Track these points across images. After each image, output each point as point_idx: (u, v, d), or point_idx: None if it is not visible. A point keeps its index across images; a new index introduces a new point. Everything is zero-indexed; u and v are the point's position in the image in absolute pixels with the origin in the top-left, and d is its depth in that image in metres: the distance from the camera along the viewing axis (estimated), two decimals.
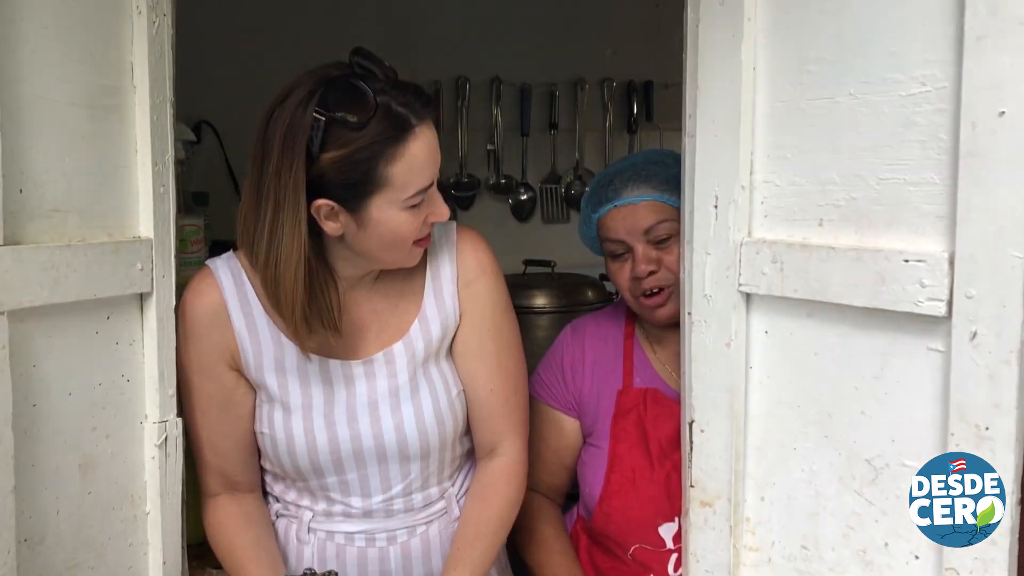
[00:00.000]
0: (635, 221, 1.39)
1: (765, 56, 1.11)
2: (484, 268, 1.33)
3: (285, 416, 1.26)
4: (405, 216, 1.17)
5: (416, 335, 1.29)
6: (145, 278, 1.14)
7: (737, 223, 1.14)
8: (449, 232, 1.33)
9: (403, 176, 1.14)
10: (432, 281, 1.31)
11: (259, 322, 1.26)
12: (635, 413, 1.43)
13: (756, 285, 1.13)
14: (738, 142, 1.12)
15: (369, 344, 1.28)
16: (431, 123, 1.17)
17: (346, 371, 1.27)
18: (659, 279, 1.38)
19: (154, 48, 1.13)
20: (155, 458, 1.18)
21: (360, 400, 1.26)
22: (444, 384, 1.30)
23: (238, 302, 1.26)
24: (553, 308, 2.10)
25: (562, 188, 2.94)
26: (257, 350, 1.26)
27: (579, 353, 1.51)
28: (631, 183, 1.41)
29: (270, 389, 1.26)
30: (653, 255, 1.38)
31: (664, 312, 1.40)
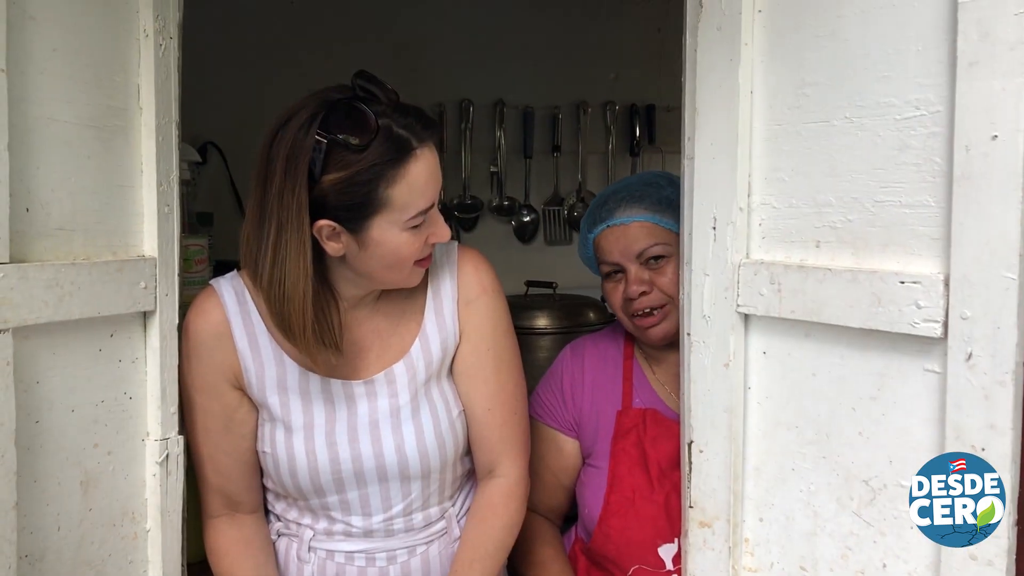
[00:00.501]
0: (627, 242, 1.40)
1: (762, 80, 1.12)
2: (485, 287, 1.33)
3: (287, 435, 1.27)
4: (406, 237, 1.18)
5: (417, 354, 1.29)
6: (148, 296, 1.15)
7: (735, 245, 1.15)
8: (451, 251, 1.34)
9: (404, 198, 1.16)
10: (433, 299, 1.32)
11: (261, 341, 1.27)
12: (635, 433, 1.43)
13: (754, 306, 1.13)
14: (736, 164, 1.14)
15: (371, 364, 1.29)
16: (432, 145, 1.19)
17: (347, 391, 1.27)
18: (651, 300, 1.39)
19: (160, 70, 1.14)
20: (156, 476, 1.18)
21: (361, 420, 1.27)
22: (445, 404, 1.31)
23: (241, 321, 1.27)
24: (555, 329, 2.10)
25: (565, 210, 2.95)
26: (259, 369, 1.27)
27: (578, 373, 1.51)
28: (624, 204, 1.42)
29: (272, 408, 1.27)
30: (645, 276, 1.40)
31: (658, 332, 1.41)
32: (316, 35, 2.61)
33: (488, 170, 2.88)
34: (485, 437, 1.33)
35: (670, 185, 1.43)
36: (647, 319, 1.40)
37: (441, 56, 2.74)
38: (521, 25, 2.83)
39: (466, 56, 2.78)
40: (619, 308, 1.44)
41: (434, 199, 1.20)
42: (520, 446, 1.35)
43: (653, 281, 1.40)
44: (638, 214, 1.41)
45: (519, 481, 1.35)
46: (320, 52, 2.54)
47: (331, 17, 2.64)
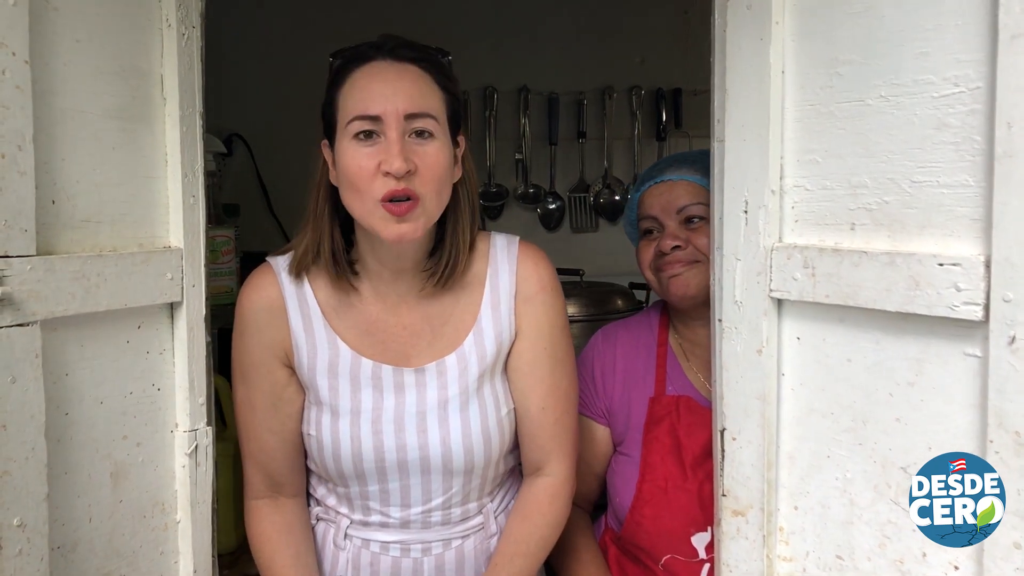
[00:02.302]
0: (670, 198, 1.42)
1: (793, 59, 1.10)
2: (544, 284, 1.32)
3: (333, 420, 1.27)
4: (353, 149, 1.16)
5: (470, 348, 1.28)
6: (175, 287, 1.15)
7: (767, 228, 1.12)
8: (511, 246, 1.33)
9: (345, 100, 1.18)
10: (490, 293, 1.30)
11: (316, 323, 1.27)
12: (668, 421, 1.42)
13: (787, 291, 1.11)
14: (767, 146, 1.11)
15: (422, 352, 1.28)
16: (406, 65, 1.19)
17: (397, 378, 1.27)
18: (684, 255, 1.39)
19: (183, 60, 1.14)
20: (185, 467, 1.18)
21: (408, 410, 1.26)
22: (495, 401, 1.29)
23: (296, 301, 1.27)
24: (583, 317, 2.09)
25: (591, 197, 2.93)
26: (312, 351, 1.27)
27: (610, 360, 1.50)
28: (674, 164, 1.46)
29: (320, 391, 1.27)
30: (682, 235, 1.39)
31: (680, 284, 1.40)
32: (340, 25, 2.61)
33: (513, 158, 2.87)
34: (536, 435, 1.32)
35: None
36: (672, 266, 1.40)
37: (464, 42, 2.70)
38: (545, 9, 2.81)
39: (489, 42, 2.77)
40: (647, 266, 1.44)
41: (384, 112, 1.15)
42: (570, 446, 1.34)
43: (690, 240, 1.40)
44: (686, 173, 1.44)
45: (566, 481, 1.34)
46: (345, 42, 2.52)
47: (355, 6, 2.63)
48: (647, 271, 1.45)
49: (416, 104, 1.17)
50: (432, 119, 1.18)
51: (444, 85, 1.22)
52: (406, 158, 1.14)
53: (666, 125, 2.94)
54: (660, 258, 1.41)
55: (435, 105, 1.20)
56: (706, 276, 1.34)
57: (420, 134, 1.17)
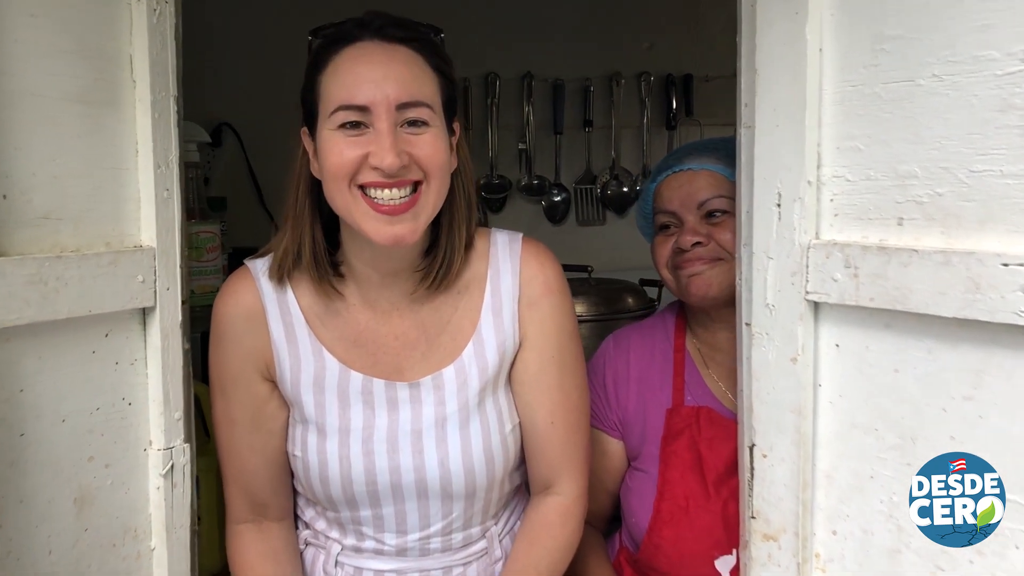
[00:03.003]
0: (690, 190, 1.33)
1: (833, 35, 1.01)
2: (550, 286, 1.21)
3: (320, 439, 1.17)
4: (335, 140, 1.06)
5: (469, 359, 1.18)
6: (147, 291, 1.05)
7: (803, 224, 1.03)
8: (513, 244, 1.22)
9: (328, 86, 1.08)
10: (491, 297, 1.20)
11: (299, 332, 1.17)
12: (688, 434, 1.32)
13: (826, 293, 1.02)
14: (803, 132, 1.02)
15: (416, 364, 1.18)
16: (394, 45, 1.09)
17: (390, 393, 1.17)
18: (706, 252, 1.29)
19: (155, 39, 1.04)
20: (160, 488, 1.09)
21: (403, 428, 1.17)
22: (498, 417, 1.19)
23: (277, 309, 1.17)
24: (591, 316, 1.99)
25: (597, 188, 2.87)
26: (295, 363, 1.17)
27: (623, 367, 1.40)
28: (695, 152, 1.36)
29: (305, 408, 1.17)
30: (703, 230, 1.30)
31: (700, 283, 1.30)
32: (335, 10, 2.51)
33: (516, 148, 2.81)
34: (545, 452, 1.22)
35: None
36: (692, 264, 1.30)
37: (465, 26, 2.63)
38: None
39: (491, 26, 2.70)
40: (664, 264, 1.34)
41: (372, 100, 1.05)
42: (581, 462, 1.24)
43: (711, 235, 1.30)
44: (708, 162, 1.34)
45: (578, 500, 1.24)
46: None
47: None
48: (663, 269, 1.35)
49: (409, 91, 1.06)
50: (427, 107, 1.08)
51: (438, 67, 1.12)
52: (399, 152, 1.04)
53: (676, 113, 2.87)
54: (678, 255, 1.31)
55: (429, 90, 1.09)
56: (730, 275, 1.24)
57: (413, 123, 1.07)
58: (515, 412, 1.22)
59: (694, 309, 1.37)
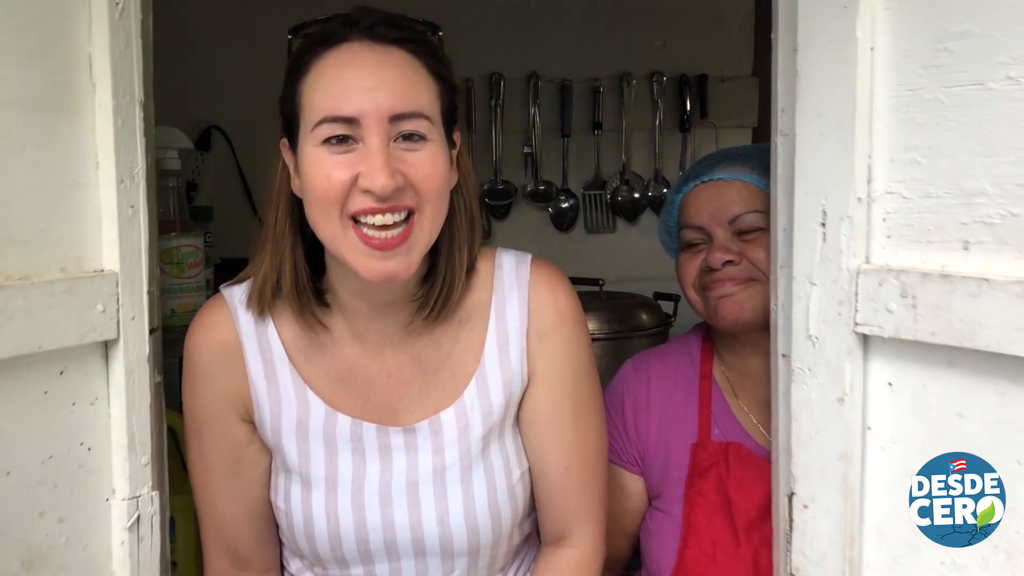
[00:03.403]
0: (721, 204, 1.21)
1: (888, 32, 0.90)
2: (564, 316, 1.09)
3: (304, 491, 1.06)
4: (319, 159, 0.94)
5: (471, 401, 1.07)
6: (109, 322, 0.94)
7: (852, 246, 0.92)
8: (521, 268, 1.10)
9: (310, 95, 0.96)
10: (496, 329, 1.08)
11: (280, 370, 1.06)
12: (715, 473, 1.21)
13: (879, 325, 0.91)
14: (853, 142, 0.91)
15: (411, 406, 1.07)
16: (387, 48, 0.97)
17: (382, 439, 1.06)
18: (738, 272, 1.19)
19: (118, 36, 0.93)
20: (125, 543, 0.98)
21: (397, 479, 1.05)
22: (505, 465, 1.08)
23: (256, 343, 1.06)
24: (603, 335, 1.88)
25: (607, 194, 2.78)
26: (275, 405, 1.06)
27: (643, 397, 1.29)
28: (726, 161, 1.25)
29: (287, 456, 1.06)
30: (735, 247, 1.19)
31: (731, 306, 1.19)
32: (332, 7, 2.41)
33: (521, 151, 2.70)
34: (558, 501, 1.11)
35: None
36: (722, 284, 1.19)
37: (467, 25, 2.53)
38: None
39: (495, 23, 2.60)
40: (690, 283, 1.24)
41: (361, 112, 0.93)
42: (598, 512, 1.13)
43: (744, 253, 1.19)
44: (740, 172, 1.23)
45: (595, 554, 1.12)
46: None
47: None
48: (690, 290, 1.24)
49: (403, 100, 0.95)
50: (424, 118, 0.96)
51: (437, 71, 1.00)
52: (392, 171, 0.93)
53: (690, 115, 2.76)
54: (707, 275, 1.20)
55: (427, 99, 0.98)
56: (763, 297, 1.13)
57: (409, 138, 0.95)
58: (524, 456, 1.10)
59: (722, 333, 1.26)
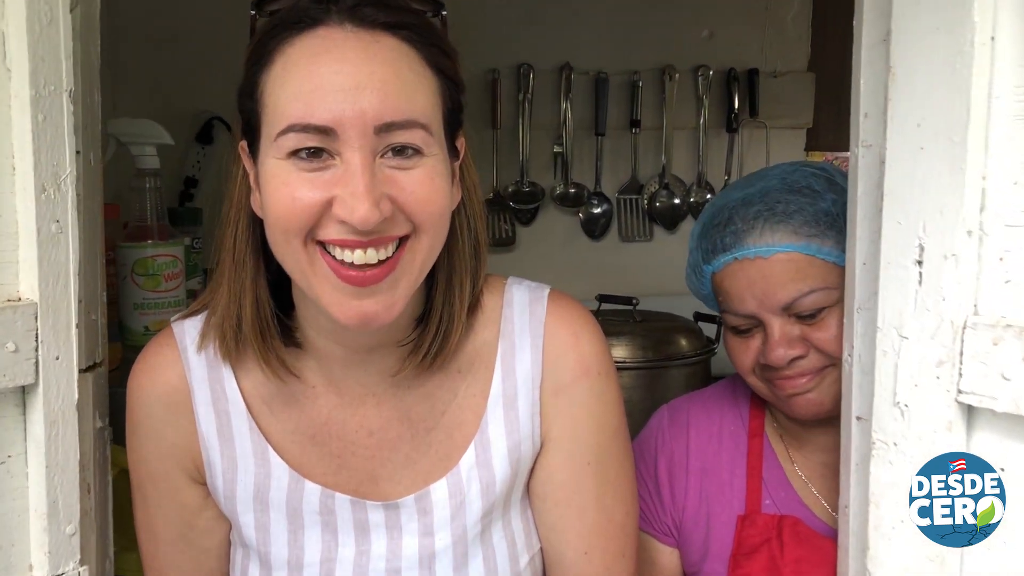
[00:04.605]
0: (768, 287, 0.99)
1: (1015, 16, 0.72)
2: (587, 366, 0.91)
3: (263, 574, 0.90)
4: (284, 175, 0.76)
5: (469, 471, 0.89)
6: (24, 363, 0.79)
7: (958, 292, 0.75)
8: (536, 305, 0.92)
9: (275, 93, 0.77)
10: (503, 381, 0.91)
11: (237, 425, 0.89)
12: (766, 552, 1.03)
13: (990, 394, 0.74)
14: (963, 160, 0.74)
15: (396, 474, 0.90)
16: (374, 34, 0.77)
17: (358, 514, 0.89)
18: (805, 366, 0.98)
19: (37, 10, 0.77)
20: None
21: (375, 564, 0.89)
22: (509, 549, 0.91)
23: (208, 392, 0.89)
24: (635, 363, 1.72)
25: (644, 200, 2.64)
26: (230, 467, 0.90)
27: (680, 454, 1.11)
28: (761, 224, 1.00)
29: (243, 529, 0.90)
30: (795, 333, 0.98)
31: (810, 402, 1.00)
32: None
33: (551, 151, 2.56)
34: None
35: (832, 189, 1.01)
36: (794, 381, 1.00)
37: (493, 10, 2.40)
38: None
39: (523, 10, 2.46)
40: (749, 370, 1.03)
41: (338, 119, 0.75)
42: None
43: (807, 338, 0.98)
44: (784, 242, 0.99)
45: None
46: None
47: None
48: (750, 376, 1.04)
49: (395, 105, 0.76)
50: (420, 128, 0.77)
51: (438, 64, 0.81)
52: (378, 198, 0.75)
53: (738, 113, 2.61)
54: (770, 370, 1.01)
55: (425, 102, 0.79)
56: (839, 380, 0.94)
57: (401, 152, 0.77)
58: (535, 537, 0.93)
59: None
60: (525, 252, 2.52)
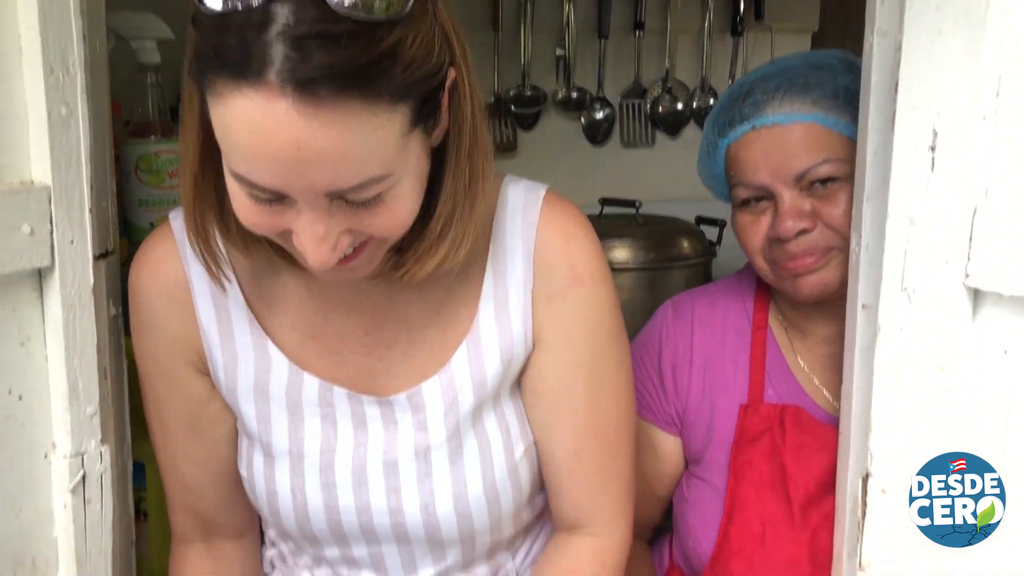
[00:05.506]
0: (784, 156, 0.99)
1: None
2: (579, 274, 0.89)
3: (267, 464, 0.91)
4: (238, 189, 0.72)
5: (461, 368, 0.89)
6: (40, 246, 0.79)
7: (970, 178, 0.75)
8: (530, 208, 0.89)
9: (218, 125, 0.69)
10: (494, 284, 0.89)
11: (237, 320, 0.90)
12: (768, 440, 1.05)
13: (997, 280, 0.76)
14: (981, 43, 0.73)
15: (393, 367, 0.90)
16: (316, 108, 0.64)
17: (355, 407, 0.90)
18: (813, 241, 0.99)
19: None
20: (68, 506, 0.85)
21: (373, 456, 0.90)
22: (504, 440, 0.91)
23: (208, 286, 0.89)
24: (637, 265, 1.71)
25: (647, 104, 2.56)
26: (231, 360, 0.90)
27: (685, 346, 1.12)
28: (780, 95, 1.01)
29: (246, 420, 0.92)
30: (806, 207, 0.99)
31: (814, 283, 1.00)
32: None
33: (553, 54, 2.49)
34: (569, 489, 0.95)
35: (850, 71, 1.00)
36: (799, 260, 1.00)
37: None
38: None
39: None
40: (757, 251, 1.04)
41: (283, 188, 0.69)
42: (623, 498, 0.96)
43: (818, 213, 0.99)
44: (802, 111, 0.99)
45: (619, 543, 0.96)
46: None
47: None
48: (758, 258, 1.04)
49: (344, 176, 0.68)
50: (378, 182, 0.70)
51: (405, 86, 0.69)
52: (335, 243, 0.72)
53: (744, 16, 2.54)
54: (777, 247, 1.01)
55: (387, 147, 0.69)
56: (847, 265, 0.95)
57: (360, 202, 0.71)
58: (528, 427, 0.94)
59: None
60: (526, 158, 2.48)
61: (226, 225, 0.81)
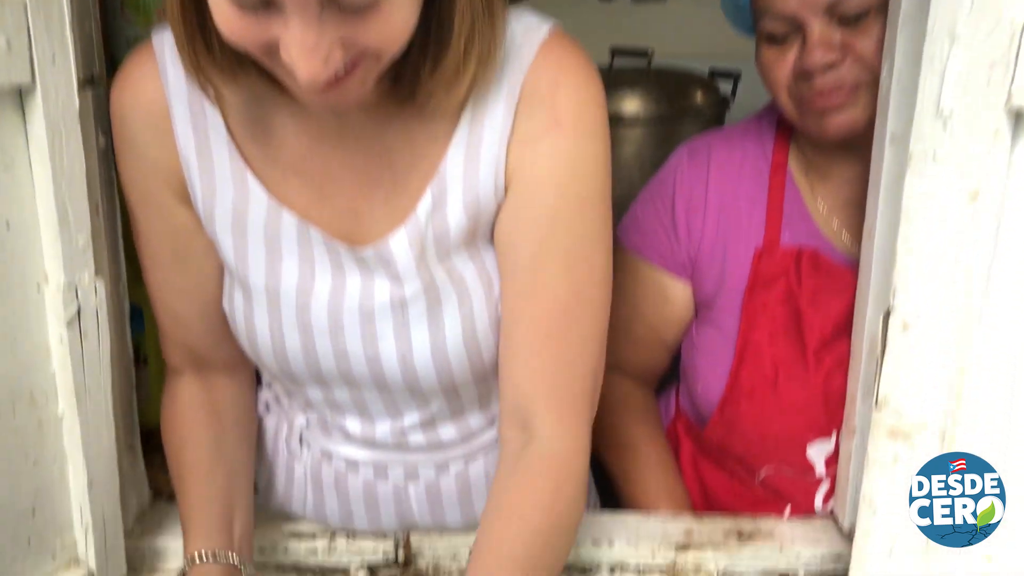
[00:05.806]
0: None
1: None
2: (558, 118, 0.78)
3: (245, 300, 0.87)
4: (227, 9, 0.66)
5: (425, 217, 0.82)
6: (18, 62, 0.74)
7: None
8: (527, 46, 0.80)
9: None
10: (470, 123, 0.81)
11: (216, 146, 0.84)
12: (783, 283, 1.02)
13: None
14: None
15: (376, 210, 0.84)
16: None
17: (332, 253, 0.85)
18: (841, 77, 0.93)
19: None
20: (64, 340, 0.83)
21: (349, 303, 0.85)
22: (486, 291, 0.85)
23: (187, 108, 0.84)
24: (649, 116, 1.65)
25: None
26: (208, 187, 0.85)
27: (699, 189, 1.08)
28: None
29: (224, 252, 0.87)
30: (836, 39, 0.92)
31: (842, 121, 0.94)
32: None
33: None
34: (518, 370, 0.83)
35: None
36: (826, 98, 0.94)
37: None
38: None
39: None
40: (783, 87, 0.98)
41: None
42: (584, 396, 0.84)
43: (848, 46, 0.93)
44: None
45: (574, 450, 0.83)
46: None
47: None
48: (783, 94, 0.98)
49: None
50: None
51: None
52: (327, 55, 0.65)
53: None
54: (804, 82, 0.94)
55: None
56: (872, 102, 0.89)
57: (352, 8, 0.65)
58: None
59: None
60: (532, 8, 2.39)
61: (211, 52, 0.76)
